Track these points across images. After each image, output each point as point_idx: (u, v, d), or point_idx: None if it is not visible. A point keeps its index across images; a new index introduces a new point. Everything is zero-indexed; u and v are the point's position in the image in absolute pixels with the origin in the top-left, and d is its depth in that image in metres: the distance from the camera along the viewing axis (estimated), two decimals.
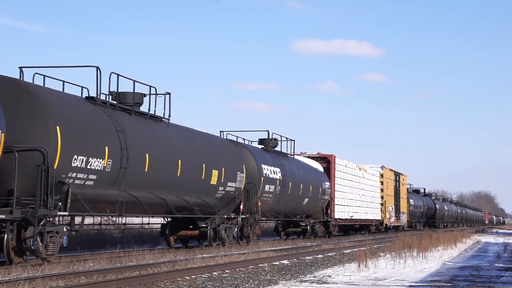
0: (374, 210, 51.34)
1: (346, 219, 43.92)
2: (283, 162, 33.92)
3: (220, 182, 25.99)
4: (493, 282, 16.15)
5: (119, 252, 21.59)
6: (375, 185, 52.18)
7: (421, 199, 76.74)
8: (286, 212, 34.36)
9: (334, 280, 16.26)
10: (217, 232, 26.77)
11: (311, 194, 37.03)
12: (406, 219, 65.52)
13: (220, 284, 14.37)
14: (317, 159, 41.63)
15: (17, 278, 13.63)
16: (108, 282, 13.54)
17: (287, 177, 33.48)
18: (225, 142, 28.76)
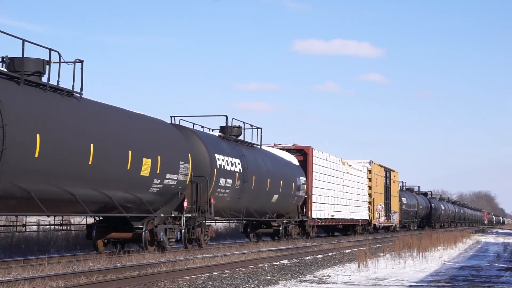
0: (361, 209, 47.28)
1: (326, 219, 39.53)
2: (246, 153, 29.33)
3: (155, 173, 21.36)
4: (493, 282, 16.15)
5: (119, 252, 21.58)
6: (361, 182, 47.85)
7: (415, 198, 72.50)
8: (251, 211, 29.80)
9: (334, 280, 16.27)
10: (154, 235, 22.30)
11: (281, 190, 32.60)
12: (398, 218, 61.21)
13: (220, 284, 14.38)
14: (293, 151, 37.18)
15: (17, 278, 13.63)
16: (108, 282, 13.54)
17: (250, 170, 28.97)
18: (164, 126, 23.75)
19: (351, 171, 45.09)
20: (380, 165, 54.33)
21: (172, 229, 23.18)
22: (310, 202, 36.77)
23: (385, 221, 54.50)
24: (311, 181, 36.94)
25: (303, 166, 36.63)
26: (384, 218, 53.92)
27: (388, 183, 56.55)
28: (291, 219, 35.30)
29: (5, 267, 16.06)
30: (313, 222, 37.23)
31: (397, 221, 59.87)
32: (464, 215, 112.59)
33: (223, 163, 26.55)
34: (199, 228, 25.04)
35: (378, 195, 52.13)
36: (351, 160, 47.38)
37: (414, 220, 70.99)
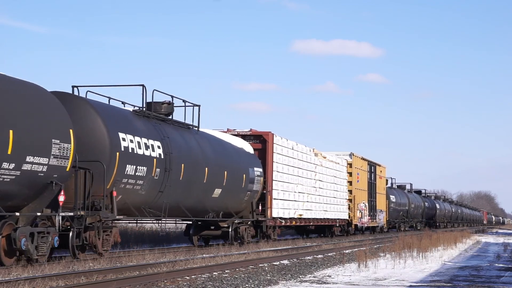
0: (339, 208, 41.76)
1: (292, 219, 33.61)
2: (172, 135, 23.08)
3: (6, 155, 15.50)
4: (493, 282, 16.15)
5: (119, 252, 21.58)
6: (339, 176, 42.24)
7: (405, 196, 66.76)
8: (182, 209, 23.81)
9: (334, 280, 16.27)
10: (13, 242, 16.40)
11: (227, 183, 26.46)
12: (386, 218, 56.02)
13: (220, 284, 14.38)
14: (249, 138, 31.34)
15: (17, 278, 13.63)
16: (108, 282, 13.54)
17: (176, 156, 22.63)
18: (30, 89, 17.26)
19: (326, 164, 39.68)
20: (363, 158, 48.84)
21: (44, 234, 17.32)
22: (270, 198, 30.76)
23: (369, 221, 49.40)
24: (271, 173, 30.99)
25: (261, 155, 30.98)
26: (367, 218, 48.75)
27: (372, 179, 51.41)
28: (244, 219, 29.17)
29: (5, 267, 16.05)
30: (273, 222, 31.26)
31: (384, 221, 55.03)
32: (462, 215, 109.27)
33: (133, 145, 20.55)
34: (93, 231, 19.38)
35: (360, 192, 46.97)
36: (329, 152, 42.64)
37: (405, 220, 65.62)
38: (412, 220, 69.15)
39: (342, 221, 42.78)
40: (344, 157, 44.86)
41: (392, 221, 60.76)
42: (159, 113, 23.08)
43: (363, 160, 49.05)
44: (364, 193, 48.22)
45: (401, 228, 63.60)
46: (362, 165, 48.07)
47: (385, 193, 56.53)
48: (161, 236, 30.70)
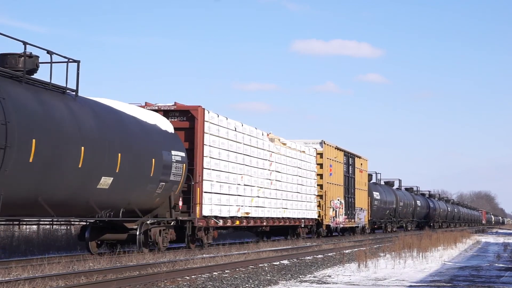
0: (304, 205, 35.69)
1: (235, 218, 27.12)
2: (15, 95, 16.00)
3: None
4: (493, 282, 16.15)
5: (119, 252, 21.58)
6: (306, 168, 36.23)
7: (393, 193, 60.26)
8: (40, 203, 16.80)
9: (334, 280, 16.27)
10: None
11: (121, 170, 19.42)
12: (367, 218, 49.90)
13: (220, 284, 14.39)
14: (174, 114, 25.02)
15: (17, 278, 13.63)
16: (108, 282, 13.55)
17: (20, 126, 15.60)
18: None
19: (287, 152, 33.50)
20: (337, 148, 42.38)
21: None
22: (199, 192, 24.26)
23: (345, 221, 43.19)
24: (201, 159, 24.45)
25: (190, 136, 24.76)
26: (344, 217, 42.57)
27: (350, 172, 45.40)
28: (160, 219, 22.56)
29: (5, 267, 16.06)
30: (204, 223, 24.69)
31: (365, 220, 49.08)
32: (459, 215, 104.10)
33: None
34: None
35: (334, 187, 40.95)
36: (296, 140, 37.18)
37: (392, 220, 59.25)
38: (402, 220, 63.55)
39: (309, 220, 36.63)
40: (313, 145, 38.67)
41: (377, 221, 55.29)
42: (14, 69, 16.80)
43: (338, 150, 42.59)
44: (339, 188, 42.13)
45: (388, 228, 58.11)
46: (336, 156, 41.82)
47: (367, 189, 50.33)
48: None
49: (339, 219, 41.51)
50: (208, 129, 25.07)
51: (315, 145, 39.14)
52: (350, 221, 44.65)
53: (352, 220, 45.37)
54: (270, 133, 32.22)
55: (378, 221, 55.10)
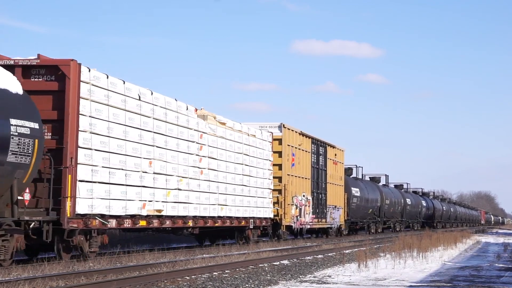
0: (253, 201, 28.76)
1: (136, 217, 20.44)
2: None
3: None
4: (493, 282, 16.15)
5: (119, 252, 21.59)
6: (256, 155, 29.28)
7: (377, 190, 53.89)
8: None
9: (334, 280, 16.27)
10: None
11: None
12: (343, 217, 43.64)
13: (220, 284, 14.39)
14: (38, 72, 18.33)
15: (17, 278, 13.63)
16: (108, 282, 13.55)
17: None
18: None
19: (226, 134, 26.56)
20: (303, 134, 35.83)
21: None
22: (71, 180, 17.82)
23: (313, 221, 37.05)
24: (73, 134, 18.01)
25: (58, 103, 18.17)
26: (311, 217, 36.50)
27: (321, 164, 39.06)
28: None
29: (5, 267, 16.05)
30: (82, 224, 18.26)
31: (341, 220, 42.87)
32: (455, 214, 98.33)
33: None
34: None
35: (298, 181, 34.79)
36: (251, 123, 31.44)
37: (376, 220, 53.22)
38: (389, 220, 57.77)
39: (261, 220, 29.90)
40: (270, 129, 32.33)
41: (359, 221, 49.30)
42: None
43: (303, 136, 36.10)
44: (305, 182, 35.88)
45: (372, 229, 52.17)
46: (301, 143, 35.47)
47: (343, 184, 43.83)
48: (161, 236, 27.82)
49: (304, 218, 35.12)
50: (89, 93, 18.52)
51: (273, 129, 32.53)
52: (320, 221, 38.30)
53: (323, 220, 38.91)
54: (201, 108, 25.74)
55: (359, 221, 49.21)
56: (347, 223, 45.23)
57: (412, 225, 67.99)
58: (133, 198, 20.35)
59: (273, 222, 31.87)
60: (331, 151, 41.43)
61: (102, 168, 18.94)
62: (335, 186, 41.88)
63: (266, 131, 31.39)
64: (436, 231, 48.50)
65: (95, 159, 18.71)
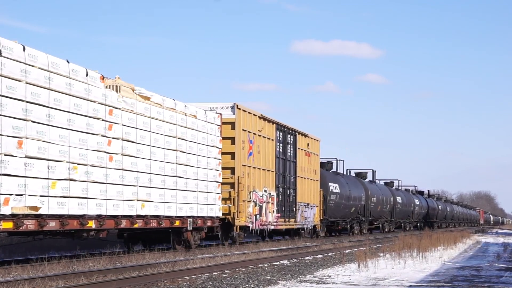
0: (192, 196, 23.37)
1: None
2: None
3: None
4: (493, 282, 16.15)
5: (119, 252, 21.60)
6: (196, 140, 23.85)
7: (361, 187, 48.33)
8: None
9: (334, 280, 16.27)
10: None
11: None
12: (319, 216, 38.26)
13: (220, 284, 14.39)
14: None
15: (17, 278, 13.64)
16: (108, 282, 13.55)
17: None
18: None
19: (151, 112, 21.29)
20: (264, 118, 30.21)
21: None
22: None
23: (278, 220, 31.61)
24: None
25: None
26: (276, 215, 31.19)
27: (289, 155, 33.62)
28: None
29: (5, 267, 16.06)
30: None
31: (315, 220, 37.61)
32: (452, 214, 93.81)
33: None
34: None
35: (257, 173, 29.33)
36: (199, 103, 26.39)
37: (361, 220, 48.15)
38: (377, 220, 53.15)
39: (205, 220, 24.36)
40: (221, 110, 27.01)
41: (341, 221, 43.92)
42: None
43: (265, 120, 30.52)
44: (267, 175, 30.60)
45: (355, 230, 46.85)
46: (262, 129, 30.01)
47: (318, 178, 38.55)
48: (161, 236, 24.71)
49: (266, 218, 29.91)
50: None
51: (224, 110, 27.24)
52: (287, 221, 33.09)
53: (292, 220, 33.65)
54: (116, 77, 20.62)
55: (341, 221, 43.88)
56: (323, 223, 39.74)
57: (403, 225, 63.70)
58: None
59: (224, 222, 26.68)
60: (303, 140, 36.18)
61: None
62: (307, 181, 36.71)
63: (213, 112, 25.78)
64: (436, 231, 48.10)
65: None
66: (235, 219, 27.15)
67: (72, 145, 17.47)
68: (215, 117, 25.70)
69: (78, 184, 17.67)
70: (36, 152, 16.15)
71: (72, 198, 17.44)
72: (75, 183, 17.51)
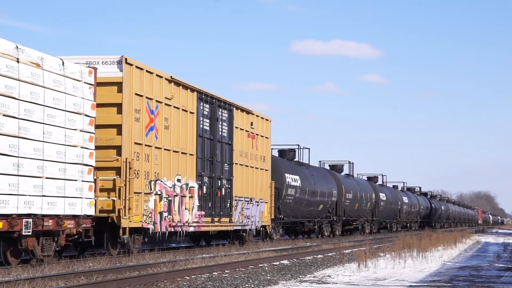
0: (35, 184, 16.37)
1: None
2: None
3: None
4: (493, 282, 16.15)
5: (119, 252, 21.57)
6: (40, 102, 16.52)
7: (333, 181, 41.05)
8: None
9: (334, 280, 16.26)
10: None
11: None
12: (270, 215, 31.07)
13: (220, 284, 14.38)
14: None
15: (17, 278, 13.64)
16: (108, 282, 13.54)
17: None
18: None
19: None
20: (176, 82, 22.85)
21: None
22: None
23: (201, 220, 24.40)
24: None
25: None
26: (197, 214, 24.09)
27: (220, 135, 26.00)
28: None
29: (5, 267, 16.05)
30: None
31: (264, 219, 30.33)
32: (447, 213, 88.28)
33: None
34: None
35: (165, 156, 22.23)
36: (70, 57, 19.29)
37: (333, 220, 41.26)
38: (355, 220, 46.91)
39: (60, 221, 17.24)
40: (102, 67, 19.84)
41: (306, 221, 37.52)
42: None
43: (178, 86, 22.96)
44: (183, 159, 23.34)
45: (325, 232, 40.30)
46: (173, 97, 22.53)
47: (268, 168, 31.12)
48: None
49: (180, 216, 22.85)
50: None
51: (107, 67, 20.09)
52: (218, 221, 25.70)
53: (225, 219, 26.28)
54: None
55: (306, 221, 37.48)
56: (277, 223, 32.69)
57: (390, 225, 56.89)
58: None
59: (108, 223, 20.01)
60: (243, 117, 28.52)
61: None
62: (251, 170, 29.13)
63: (78, 65, 18.16)
64: (436, 231, 47.87)
65: None
66: (122, 218, 19.76)
67: None
68: (83, 72, 18.07)
69: None
70: None
71: None
72: None
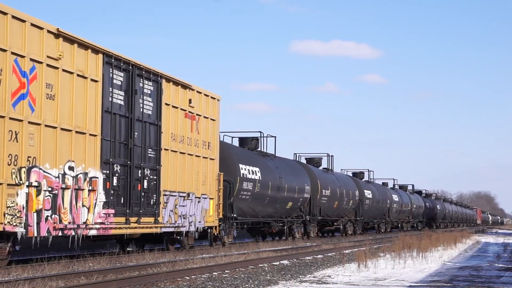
0: None
1: None
2: None
3: None
4: (493, 282, 16.15)
5: (119, 252, 21.59)
6: None
7: (306, 175, 35.96)
8: None
9: (334, 280, 16.26)
10: None
11: None
12: (216, 213, 25.76)
13: (220, 284, 14.38)
14: None
15: (17, 278, 13.63)
16: (108, 282, 13.54)
17: None
18: None
19: None
20: (65, 36, 17.46)
21: None
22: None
23: (109, 220, 19.16)
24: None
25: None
26: (102, 212, 18.89)
27: (142, 112, 20.79)
28: None
29: (5, 267, 16.06)
30: None
31: (207, 218, 25.06)
32: (443, 213, 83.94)
33: None
34: None
35: (51, 136, 16.97)
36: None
37: (305, 219, 36.33)
38: (337, 220, 42.15)
39: None
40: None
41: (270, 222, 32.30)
42: None
43: (72, 43, 18.01)
44: (81, 141, 18.20)
45: (296, 234, 35.41)
46: (60, 54, 17.40)
47: (215, 157, 25.73)
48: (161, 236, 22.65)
49: (74, 216, 17.77)
50: None
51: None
52: (137, 221, 20.50)
53: (148, 219, 21.09)
54: None
55: (271, 220, 32.14)
56: (229, 224, 27.49)
57: (377, 226, 52.21)
58: None
59: None
60: (179, 93, 23.22)
61: None
62: (190, 159, 23.96)
63: None
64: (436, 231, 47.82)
65: None
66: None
67: None
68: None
69: None
70: None
71: None
72: None
